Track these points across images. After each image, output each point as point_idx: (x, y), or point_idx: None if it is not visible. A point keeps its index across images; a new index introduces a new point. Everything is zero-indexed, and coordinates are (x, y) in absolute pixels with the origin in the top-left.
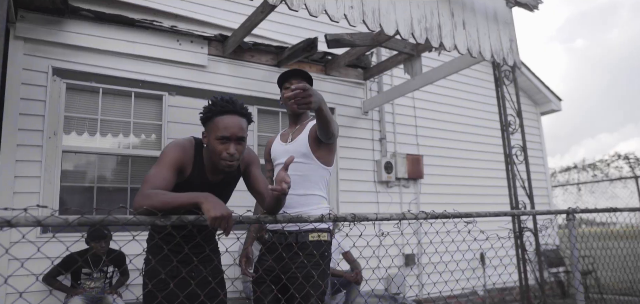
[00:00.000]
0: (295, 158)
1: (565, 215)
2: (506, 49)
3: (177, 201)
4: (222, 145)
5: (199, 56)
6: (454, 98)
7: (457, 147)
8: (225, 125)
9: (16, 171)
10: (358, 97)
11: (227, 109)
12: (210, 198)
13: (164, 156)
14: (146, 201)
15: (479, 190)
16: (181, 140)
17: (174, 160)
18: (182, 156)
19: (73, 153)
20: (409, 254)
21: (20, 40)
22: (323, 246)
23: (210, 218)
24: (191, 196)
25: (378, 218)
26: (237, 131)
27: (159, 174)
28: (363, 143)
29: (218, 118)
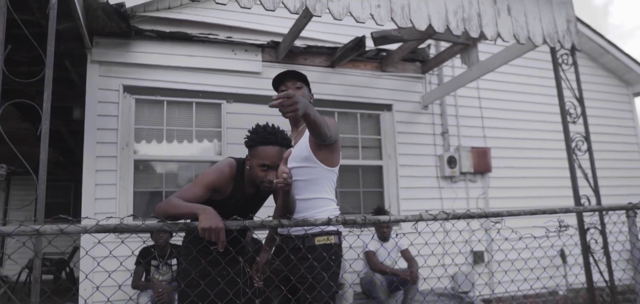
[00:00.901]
0: (298, 163)
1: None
2: (562, 31)
3: (182, 209)
4: (263, 172)
5: (253, 64)
6: (521, 84)
7: (528, 137)
8: (268, 155)
9: (97, 179)
10: (417, 91)
11: (270, 140)
12: (207, 210)
13: (201, 176)
14: (162, 205)
15: (552, 182)
16: (222, 164)
17: (209, 182)
18: (218, 178)
19: (143, 162)
20: (477, 251)
21: (95, 64)
22: (332, 249)
23: (199, 228)
24: (194, 207)
25: (391, 220)
26: (277, 161)
27: (190, 189)
28: (424, 139)
29: (261, 148)
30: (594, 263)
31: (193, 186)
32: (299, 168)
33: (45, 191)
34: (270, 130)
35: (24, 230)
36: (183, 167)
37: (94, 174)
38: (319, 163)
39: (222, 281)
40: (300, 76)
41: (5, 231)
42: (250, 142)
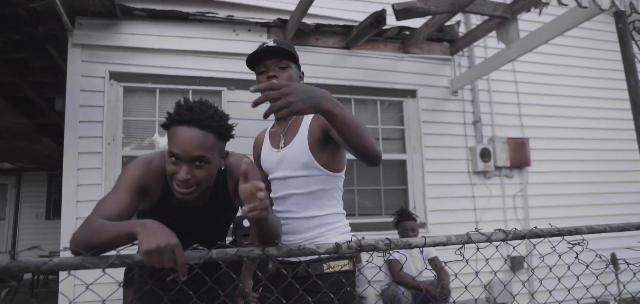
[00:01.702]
0: (295, 171)
1: None
2: None
3: (112, 233)
4: (173, 165)
5: (257, 45)
6: (566, 66)
7: (573, 125)
8: (178, 139)
9: (79, 179)
10: (445, 75)
11: (184, 118)
12: (148, 225)
13: (121, 175)
14: (80, 231)
15: (605, 177)
16: (150, 154)
17: (134, 178)
18: (145, 174)
19: (133, 158)
20: (515, 256)
21: (77, 48)
22: (346, 277)
23: (142, 253)
24: (127, 225)
25: (427, 244)
26: (191, 149)
27: (110, 197)
28: (453, 128)
29: (172, 129)
30: None
31: (113, 193)
32: (296, 178)
33: (52, 189)
34: (188, 105)
35: None
36: None
37: (75, 173)
38: (323, 168)
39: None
40: (284, 52)
41: None
42: (166, 120)
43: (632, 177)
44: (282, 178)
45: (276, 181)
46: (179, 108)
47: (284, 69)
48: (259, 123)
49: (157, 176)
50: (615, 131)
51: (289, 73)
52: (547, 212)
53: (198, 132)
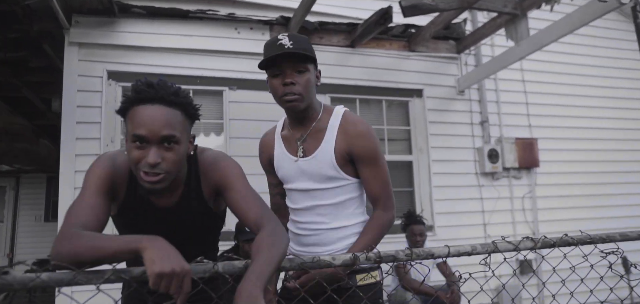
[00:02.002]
0: (321, 184)
1: None
2: None
3: (109, 249)
4: (137, 149)
5: (260, 44)
6: (575, 64)
7: (584, 125)
8: (142, 119)
9: (76, 182)
10: (451, 74)
11: (146, 95)
12: (157, 243)
13: (86, 176)
14: (66, 246)
15: (618, 178)
16: (112, 151)
17: (100, 177)
18: (111, 171)
19: None
20: (523, 260)
21: (74, 46)
22: (375, 288)
23: (152, 274)
24: (130, 241)
25: (450, 253)
26: (158, 127)
27: (81, 202)
28: (460, 129)
29: (132, 110)
30: None
31: (82, 197)
32: (323, 190)
33: (51, 191)
34: (148, 83)
35: None
36: None
37: (72, 176)
38: (351, 178)
39: None
40: (302, 57)
41: None
42: (120, 110)
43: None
44: (304, 190)
45: (297, 193)
46: (139, 87)
47: (301, 73)
48: (261, 123)
49: (123, 174)
50: (625, 131)
51: (307, 78)
52: (556, 214)
53: (164, 108)
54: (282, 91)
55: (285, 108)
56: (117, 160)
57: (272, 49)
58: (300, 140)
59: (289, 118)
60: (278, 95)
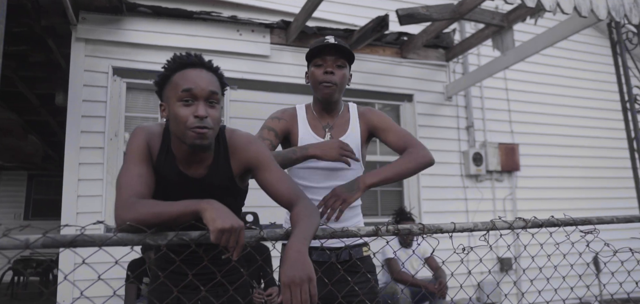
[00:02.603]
0: (326, 164)
1: None
2: (628, 2)
3: (171, 212)
4: (186, 106)
5: (261, 46)
6: (555, 75)
7: (561, 133)
8: (188, 77)
9: (80, 174)
10: (440, 81)
11: (189, 61)
12: (215, 204)
13: (127, 149)
14: (129, 213)
15: (592, 183)
16: (147, 124)
17: (140, 147)
18: (147, 140)
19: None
20: (504, 258)
21: (81, 42)
22: (370, 261)
23: (215, 230)
24: (190, 204)
25: (456, 229)
26: (205, 84)
27: (130, 172)
28: (447, 133)
29: (178, 74)
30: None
31: (128, 167)
32: (346, 170)
33: (34, 188)
34: (187, 53)
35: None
36: None
37: (77, 168)
38: (361, 163)
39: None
40: (345, 51)
41: None
42: (161, 75)
43: (619, 184)
44: (329, 169)
45: (319, 171)
46: (181, 56)
47: (340, 68)
48: (257, 121)
49: (156, 143)
50: (599, 139)
51: (344, 73)
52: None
53: (206, 72)
54: (322, 78)
55: (321, 95)
56: (151, 130)
57: (319, 43)
58: (327, 127)
59: (317, 106)
60: (318, 81)
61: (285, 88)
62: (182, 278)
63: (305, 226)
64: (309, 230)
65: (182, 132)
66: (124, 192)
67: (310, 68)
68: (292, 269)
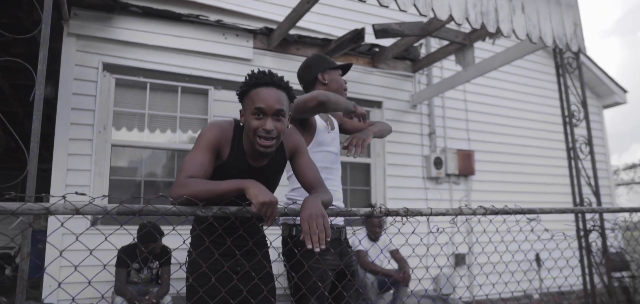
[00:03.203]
0: (335, 150)
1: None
2: (570, 33)
3: (219, 189)
4: (257, 120)
5: (244, 50)
6: (507, 90)
7: (511, 142)
8: (262, 96)
9: (69, 164)
10: (406, 90)
11: (263, 81)
12: (256, 183)
13: (199, 138)
14: (185, 190)
15: (535, 188)
16: (220, 120)
17: (210, 141)
18: (219, 136)
19: (121, 147)
20: (459, 254)
21: (72, 37)
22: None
23: (257, 203)
24: (235, 183)
25: (433, 213)
26: (274, 103)
27: (194, 159)
28: (411, 138)
29: (253, 91)
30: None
31: (196, 155)
32: (336, 155)
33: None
34: (263, 72)
35: (31, 208)
36: (164, 155)
37: (66, 158)
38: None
39: (236, 276)
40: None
41: (8, 209)
42: (243, 87)
43: (560, 189)
44: (336, 152)
45: (332, 155)
46: (257, 75)
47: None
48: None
49: (228, 139)
50: (545, 149)
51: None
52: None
53: (277, 90)
54: (344, 87)
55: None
56: (223, 127)
57: (332, 61)
58: (327, 120)
59: None
60: (343, 87)
61: None
62: (221, 245)
63: (319, 194)
64: (322, 198)
65: (252, 138)
66: (183, 173)
67: (330, 73)
68: (309, 209)
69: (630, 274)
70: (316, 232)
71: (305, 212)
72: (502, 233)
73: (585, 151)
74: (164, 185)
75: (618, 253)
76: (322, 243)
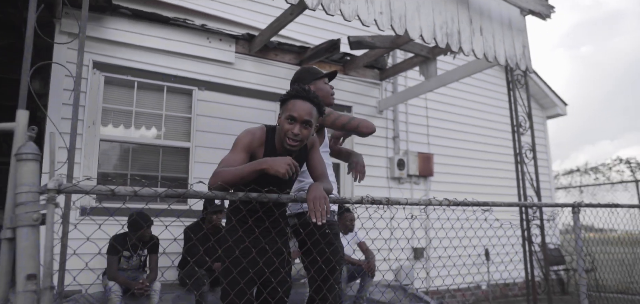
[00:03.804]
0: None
1: (570, 210)
2: (519, 54)
3: (244, 170)
4: (289, 124)
5: (227, 53)
6: (464, 100)
7: (467, 147)
8: (296, 107)
9: (59, 157)
10: (374, 96)
11: (301, 95)
12: (269, 160)
13: (236, 142)
14: (217, 177)
15: (487, 190)
16: (252, 127)
17: (244, 144)
18: (251, 139)
19: (109, 142)
20: (418, 247)
21: (64, 35)
22: None
23: (280, 171)
24: (255, 164)
25: (408, 203)
26: (304, 114)
27: (231, 156)
28: (377, 141)
29: (291, 101)
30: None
31: (232, 154)
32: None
33: None
34: (301, 87)
35: (100, 189)
36: (150, 151)
37: (55, 151)
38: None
39: (262, 257)
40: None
41: (83, 189)
42: (285, 96)
43: (508, 190)
44: (327, 151)
45: (328, 156)
46: (297, 89)
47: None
48: (223, 121)
49: (260, 142)
50: (496, 154)
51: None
52: (444, 213)
53: (308, 104)
54: (331, 93)
55: (330, 102)
56: (256, 134)
57: (319, 71)
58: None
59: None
60: (330, 93)
61: (246, 93)
62: (251, 229)
63: (322, 183)
64: (324, 186)
65: (283, 138)
66: (220, 166)
67: (318, 83)
68: (314, 192)
69: (565, 268)
70: (319, 210)
71: (311, 195)
72: (456, 229)
73: (530, 157)
74: (148, 179)
75: (556, 248)
76: (324, 218)
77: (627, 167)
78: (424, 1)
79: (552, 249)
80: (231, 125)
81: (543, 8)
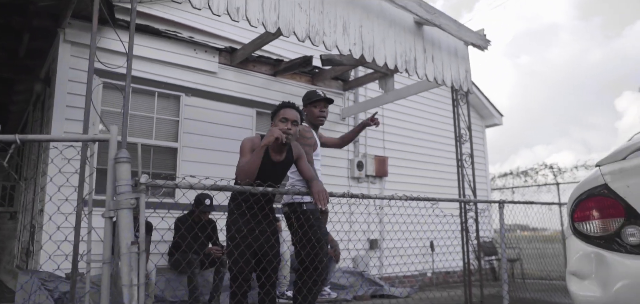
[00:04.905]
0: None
1: (498, 205)
2: (462, 78)
3: (255, 157)
4: (283, 123)
5: (211, 64)
6: (416, 110)
7: (417, 152)
8: (287, 112)
9: (63, 154)
10: (337, 105)
11: (289, 105)
12: (265, 138)
13: (241, 148)
14: (242, 172)
15: (434, 189)
16: (250, 135)
17: (248, 147)
18: (252, 143)
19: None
20: (373, 239)
21: (67, 44)
22: None
23: (274, 137)
24: (258, 149)
25: (378, 197)
26: (293, 116)
27: (243, 158)
28: None
29: (283, 109)
30: (471, 244)
31: (243, 157)
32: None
33: None
34: (292, 103)
35: (181, 184)
36: (143, 149)
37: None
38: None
39: (258, 240)
40: (329, 101)
41: (152, 183)
42: (277, 108)
43: (452, 190)
44: (318, 158)
45: (318, 161)
46: (285, 102)
47: (327, 109)
48: (208, 125)
49: (257, 144)
50: (442, 158)
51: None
52: (395, 210)
53: (294, 111)
54: (320, 115)
55: (318, 123)
56: (254, 139)
57: (316, 95)
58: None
59: (312, 125)
60: (316, 116)
61: (228, 100)
62: (247, 214)
63: (318, 181)
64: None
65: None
66: (238, 167)
67: (309, 107)
68: (317, 187)
69: (497, 258)
70: (322, 199)
71: (314, 188)
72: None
73: (469, 162)
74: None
75: (490, 241)
76: (326, 205)
77: (550, 172)
78: (388, 34)
79: (486, 242)
80: (214, 128)
81: (482, 42)
